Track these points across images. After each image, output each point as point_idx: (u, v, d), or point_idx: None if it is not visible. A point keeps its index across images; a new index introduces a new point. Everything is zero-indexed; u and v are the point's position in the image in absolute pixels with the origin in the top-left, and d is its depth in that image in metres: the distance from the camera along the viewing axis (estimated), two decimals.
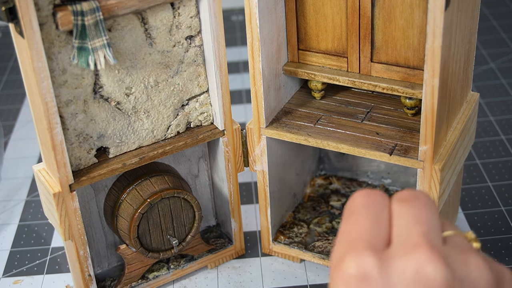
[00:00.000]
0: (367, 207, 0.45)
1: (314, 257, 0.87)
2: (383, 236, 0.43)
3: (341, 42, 0.79)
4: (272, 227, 0.88)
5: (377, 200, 0.45)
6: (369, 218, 0.44)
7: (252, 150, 0.83)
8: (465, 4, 0.71)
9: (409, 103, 0.78)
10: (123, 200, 0.79)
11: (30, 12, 0.62)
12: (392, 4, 0.73)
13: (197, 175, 0.89)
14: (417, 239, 0.41)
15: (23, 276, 0.90)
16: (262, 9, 0.74)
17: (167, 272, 0.86)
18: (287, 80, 0.84)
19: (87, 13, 0.65)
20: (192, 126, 0.81)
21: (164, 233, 0.82)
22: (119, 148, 0.76)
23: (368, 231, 0.43)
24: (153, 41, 0.73)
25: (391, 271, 0.41)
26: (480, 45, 1.35)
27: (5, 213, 1.01)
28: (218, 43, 0.75)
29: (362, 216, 0.44)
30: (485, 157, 1.04)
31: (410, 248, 0.41)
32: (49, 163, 0.73)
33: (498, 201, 0.96)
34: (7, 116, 1.24)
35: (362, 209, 0.45)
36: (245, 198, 1.00)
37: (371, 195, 0.46)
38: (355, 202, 0.46)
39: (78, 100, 0.71)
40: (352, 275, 0.41)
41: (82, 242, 0.76)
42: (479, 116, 1.13)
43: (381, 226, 0.44)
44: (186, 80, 0.78)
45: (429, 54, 0.65)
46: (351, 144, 0.77)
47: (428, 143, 0.70)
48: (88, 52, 0.67)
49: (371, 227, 0.44)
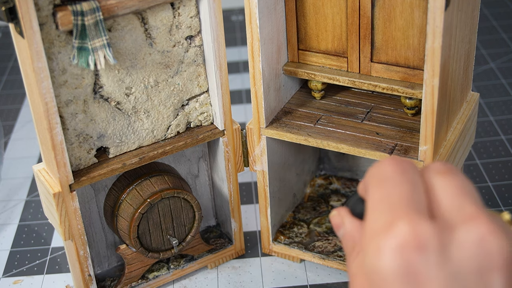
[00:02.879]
0: (402, 173, 0.41)
1: (314, 257, 0.87)
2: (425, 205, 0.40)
3: (341, 42, 0.79)
4: (272, 227, 0.88)
5: (410, 167, 0.42)
6: (409, 185, 0.41)
7: (252, 150, 0.83)
8: (465, 4, 0.71)
9: (409, 103, 0.78)
10: (123, 200, 0.80)
11: (30, 12, 0.62)
12: (392, 4, 0.73)
13: (197, 175, 0.89)
14: (472, 211, 0.39)
15: (23, 276, 0.90)
16: (262, 9, 0.74)
17: (167, 272, 0.86)
18: (287, 80, 0.84)
19: (87, 13, 0.65)
20: (192, 126, 0.81)
21: (164, 233, 0.82)
22: (119, 148, 0.76)
23: (412, 198, 0.40)
24: (153, 41, 0.73)
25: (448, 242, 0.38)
26: (480, 45, 1.35)
27: (5, 213, 1.01)
28: (218, 43, 0.75)
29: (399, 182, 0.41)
30: (485, 157, 1.04)
31: (467, 220, 0.38)
32: (49, 163, 0.73)
33: (498, 201, 0.96)
34: (7, 116, 1.24)
35: (397, 175, 0.41)
36: (245, 198, 1.00)
37: (403, 162, 0.42)
38: (386, 169, 0.42)
39: (78, 100, 0.71)
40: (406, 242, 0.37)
41: (82, 242, 0.76)
42: (479, 116, 1.13)
43: (421, 194, 0.41)
44: (186, 80, 0.78)
45: (429, 54, 0.65)
46: (351, 144, 0.77)
47: (428, 143, 0.70)
48: (88, 52, 0.67)
49: (413, 194, 0.40)
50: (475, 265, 0.37)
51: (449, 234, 0.38)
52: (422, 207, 0.40)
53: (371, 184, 0.42)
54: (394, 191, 0.40)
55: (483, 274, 0.37)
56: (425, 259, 0.37)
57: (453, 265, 0.37)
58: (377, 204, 0.40)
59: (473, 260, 0.37)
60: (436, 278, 0.37)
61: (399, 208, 0.39)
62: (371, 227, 0.40)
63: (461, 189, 0.41)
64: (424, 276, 0.37)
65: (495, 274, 0.37)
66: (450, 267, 0.37)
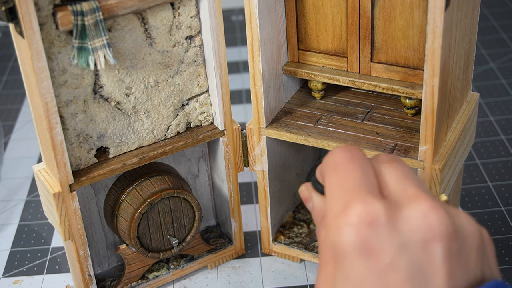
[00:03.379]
0: (352, 160, 0.47)
1: (314, 257, 0.87)
2: (375, 187, 0.46)
3: (341, 42, 0.79)
4: (272, 227, 0.88)
5: (359, 154, 0.48)
6: (360, 170, 0.47)
7: (252, 150, 0.83)
8: (465, 4, 0.71)
9: (409, 103, 0.78)
10: (123, 200, 0.80)
11: (30, 12, 0.62)
12: (392, 4, 0.73)
13: (197, 175, 0.89)
14: (415, 192, 0.45)
15: (23, 276, 0.90)
16: (262, 9, 0.74)
17: (167, 272, 0.86)
18: (287, 80, 0.84)
19: (87, 13, 0.65)
20: (192, 126, 0.81)
21: (164, 233, 0.82)
22: (119, 148, 0.76)
23: (364, 181, 0.46)
24: (153, 41, 0.73)
25: (397, 219, 0.43)
26: (480, 45, 1.35)
27: (5, 213, 1.01)
28: (218, 43, 0.75)
29: (351, 168, 0.47)
30: (485, 157, 1.04)
31: (411, 199, 0.44)
32: (49, 163, 0.73)
33: (498, 201, 0.96)
34: (7, 116, 1.24)
35: (349, 162, 0.47)
36: (245, 198, 1.00)
37: (353, 150, 0.48)
38: (337, 156, 0.48)
39: (78, 100, 0.71)
40: (360, 220, 0.43)
41: (82, 242, 0.77)
42: (479, 116, 1.13)
43: (371, 177, 0.47)
44: (186, 80, 0.78)
45: (429, 54, 0.65)
46: (351, 144, 0.77)
47: (428, 143, 0.70)
48: (88, 52, 0.67)
49: (364, 177, 0.46)
50: (420, 236, 0.43)
51: (397, 211, 0.44)
52: (372, 188, 0.46)
53: (326, 171, 0.48)
54: (347, 176, 0.46)
55: (427, 244, 0.43)
56: (377, 233, 0.43)
57: (401, 237, 0.43)
58: (334, 189, 0.46)
59: (418, 232, 0.43)
60: (388, 248, 0.43)
61: (353, 191, 0.45)
62: (331, 210, 0.46)
63: (405, 174, 0.47)
64: (378, 247, 0.43)
65: (437, 244, 0.43)
66: (399, 238, 0.43)
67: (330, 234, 0.45)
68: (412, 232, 0.43)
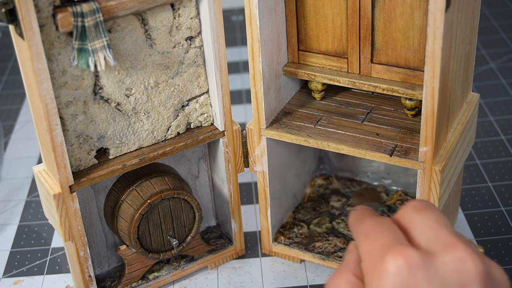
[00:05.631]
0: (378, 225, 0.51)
1: (314, 257, 0.87)
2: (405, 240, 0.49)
3: (341, 43, 0.79)
4: (272, 228, 0.88)
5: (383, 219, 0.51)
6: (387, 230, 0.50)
7: (252, 151, 0.83)
8: (466, 5, 0.71)
9: (409, 104, 0.78)
10: (123, 201, 0.80)
11: (30, 14, 0.62)
12: (392, 5, 0.73)
13: (197, 176, 0.89)
14: (451, 239, 0.47)
15: (23, 276, 0.90)
16: (262, 10, 0.74)
17: (167, 272, 0.86)
18: (287, 81, 0.84)
19: (87, 14, 0.65)
20: (192, 127, 0.81)
21: (164, 234, 0.82)
22: (119, 149, 0.76)
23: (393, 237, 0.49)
24: (153, 42, 0.73)
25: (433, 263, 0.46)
26: (480, 45, 1.35)
27: (5, 213, 1.01)
28: (218, 44, 0.75)
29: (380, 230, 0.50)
30: (485, 157, 1.04)
31: (448, 246, 0.47)
32: (49, 164, 0.73)
33: (498, 201, 0.96)
34: (7, 116, 1.24)
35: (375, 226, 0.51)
36: (245, 199, 1.00)
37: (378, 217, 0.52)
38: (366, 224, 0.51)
39: (78, 101, 0.71)
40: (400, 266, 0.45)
41: (82, 243, 0.77)
42: (479, 116, 1.13)
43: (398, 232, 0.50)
44: (186, 81, 0.78)
45: (429, 56, 0.65)
46: (351, 145, 0.77)
47: (428, 144, 0.70)
48: (88, 54, 0.67)
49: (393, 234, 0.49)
50: (458, 279, 0.45)
51: (432, 257, 0.46)
52: (403, 240, 0.48)
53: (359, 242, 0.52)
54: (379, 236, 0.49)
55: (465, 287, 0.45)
56: (416, 276, 0.45)
57: (440, 279, 0.45)
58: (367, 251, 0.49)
59: (455, 275, 0.45)
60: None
61: (386, 246, 0.47)
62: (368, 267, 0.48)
63: (438, 222, 0.49)
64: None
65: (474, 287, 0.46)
66: (438, 281, 0.45)
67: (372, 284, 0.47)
68: (450, 275, 0.45)
